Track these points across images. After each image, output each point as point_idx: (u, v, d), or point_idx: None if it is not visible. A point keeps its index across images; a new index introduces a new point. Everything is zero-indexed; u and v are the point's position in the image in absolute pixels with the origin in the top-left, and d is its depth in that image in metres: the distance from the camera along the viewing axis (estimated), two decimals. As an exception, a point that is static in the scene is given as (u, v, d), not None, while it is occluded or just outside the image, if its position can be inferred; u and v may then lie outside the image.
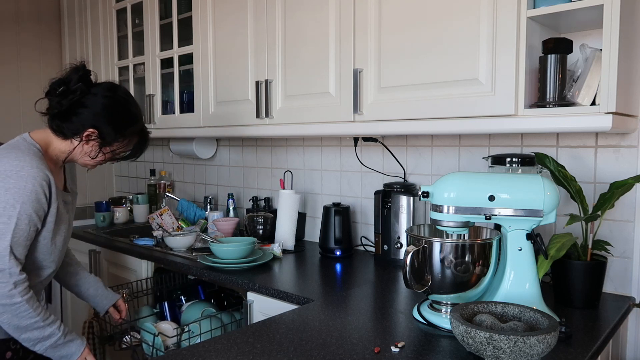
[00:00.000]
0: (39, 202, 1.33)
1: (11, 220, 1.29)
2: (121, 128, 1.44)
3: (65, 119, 1.41)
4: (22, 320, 1.30)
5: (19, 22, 3.25)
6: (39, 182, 1.33)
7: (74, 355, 1.39)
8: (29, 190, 1.31)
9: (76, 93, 1.39)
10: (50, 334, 1.34)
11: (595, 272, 1.42)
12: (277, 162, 2.58)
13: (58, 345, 1.36)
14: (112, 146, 1.46)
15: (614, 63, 1.26)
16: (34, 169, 1.33)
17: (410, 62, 1.60)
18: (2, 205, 1.28)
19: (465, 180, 1.28)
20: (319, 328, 1.29)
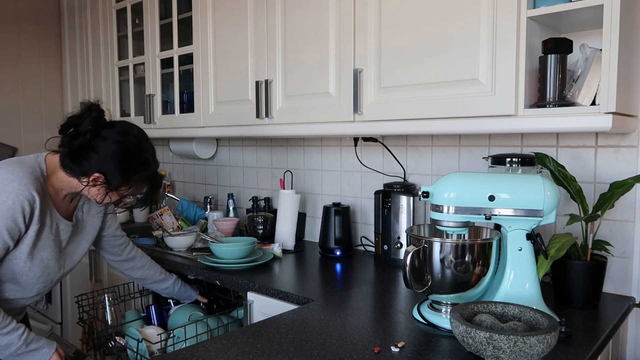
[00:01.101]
0: (14, 221, 1.30)
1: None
2: (129, 174, 1.39)
3: (74, 160, 1.37)
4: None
5: (19, 23, 3.25)
6: (21, 200, 1.30)
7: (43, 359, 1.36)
8: (7, 206, 1.28)
9: (86, 136, 1.35)
10: (8, 343, 1.31)
11: (595, 272, 1.42)
12: (277, 162, 2.58)
13: (19, 354, 1.33)
14: (119, 191, 1.41)
15: (614, 63, 1.26)
16: (20, 186, 1.30)
17: (410, 62, 1.60)
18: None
19: (465, 180, 1.28)
20: (319, 328, 1.29)
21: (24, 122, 3.29)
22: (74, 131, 1.36)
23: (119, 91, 2.94)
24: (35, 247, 1.39)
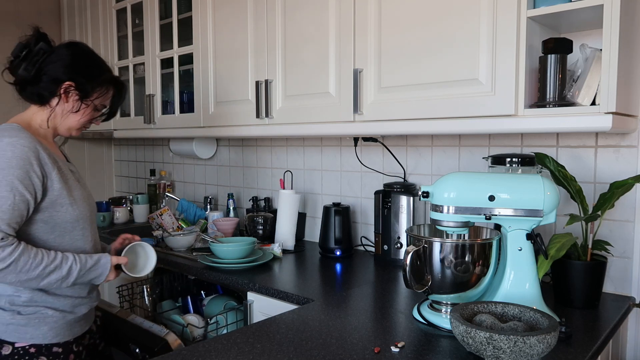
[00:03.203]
0: (23, 169, 1.28)
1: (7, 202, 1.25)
2: (95, 76, 1.43)
3: (36, 82, 1.40)
4: (29, 273, 1.27)
5: (19, 23, 3.24)
6: (20, 149, 1.29)
7: (103, 274, 1.39)
8: (7, 157, 1.27)
9: (40, 53, 1.39)
10: (68, 271, 1.33)
11: (595, 272, 1.42)
12: (277, 162, 2.58)
13: (82, 275, 1.36)
14: (92, 97, 1.44)
15: (614, 63, 1.26)
16: (12, 138, 1.30)
17: (410, 62, 1.60)
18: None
19: (465, 180, 1.28)
20: (319, 328, 1.29)
21: (24, 122, 3.28)
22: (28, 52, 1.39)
23: (119, 91, 2.94)
24: (70, 190, 1.39)
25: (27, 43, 1.41)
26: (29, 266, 1.27)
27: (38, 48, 1.39)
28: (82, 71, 1.42)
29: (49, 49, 1.41)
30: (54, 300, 1.37)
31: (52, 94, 1.41)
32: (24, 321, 1.34)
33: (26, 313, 1.34)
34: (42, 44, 1.40)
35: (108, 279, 1.43)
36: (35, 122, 1.45)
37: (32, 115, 1.45)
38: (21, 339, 1.34)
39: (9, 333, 1.33)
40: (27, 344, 1.34)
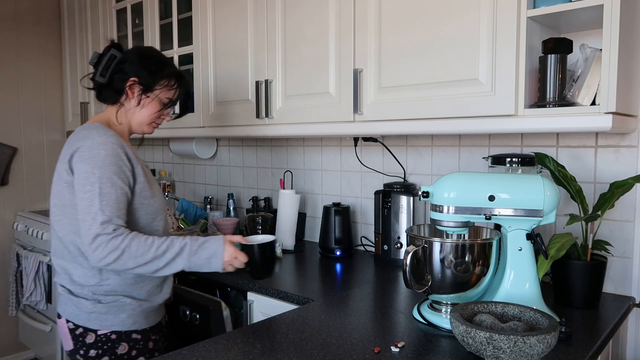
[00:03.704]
0: (116, 165, 1.36)
1: (94, 186, 1.32)
2: (156, 70, 1.50)
3: (109, 84, 1.50)
4: (145, 255, 1.32)
5: (19, 22, 3.24)
6: (110, 146, 1.37)
7: (217, 251, 1.38)
8: (102, 156, 1.35)
9: (112, 59, 1.50)
10: (180, 247, 1.35)
11: (595, 272, 1.42)
12: (277, 162, 2.58)
13: (196, 251, 1.36)
14: (155, 90, 1.50)
15: (614, 63, 1.26)
16: (102, 137, 1.38)
17: (410, 62, 1.60)
18: (82, 175, 1.33)
19: (465, 180, 1.28)
20: (319, 328, 1.29)
21: (24, 122, 3.29)
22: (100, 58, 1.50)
23: (119, 91, 2.94)
24: (149, 183, 1.47)
25: (101, 52, 1.52)
26: (142, 249, 1.32)
27: (110, 54, 1.50)
28: (145, 66, 1.49)
29: (119, 54, 1.51)
30: (131, 289, 1.44)
31: (120, 92, 1.50)
32: (105, 309, 1.41)
33: (106, 302, 1.41)
34: (114, 50, 1.51)
35: (225, 260, 1.38)
36: (112, 120, 1.52)
37: (108, 114, 1.53)
38: (103, 327, 1.41)
39: (92, 321, 1.41)
40: (108, 331, 1.41)
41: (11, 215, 3.24)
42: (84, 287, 1.41)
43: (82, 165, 1.35)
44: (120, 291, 1.43)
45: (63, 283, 1.45)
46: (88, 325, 1.41)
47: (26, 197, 3.29)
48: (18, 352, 3.27)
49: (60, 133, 3.45)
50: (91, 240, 1.30)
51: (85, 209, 1.32)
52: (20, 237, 3.12)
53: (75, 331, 1.42)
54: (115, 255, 1.30)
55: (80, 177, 1.34)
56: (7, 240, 3.22)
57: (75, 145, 1.38)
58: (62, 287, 1.45)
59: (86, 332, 1.41)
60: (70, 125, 3.38)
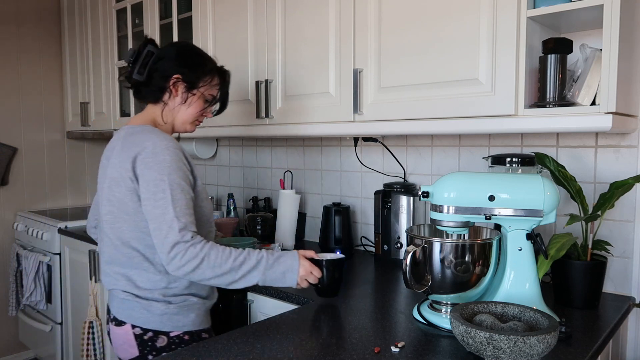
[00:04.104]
0: (182, 170, 1.34)
1: (166, 193, 1.29)
2: (198, 66, 1.48)
3: (148, 82, 1.47)
4: (223, 266, 1.28)
5: (19, 22, 3.24)
6: (173, 150, 1.35)
7: (293, 266, 1.34)
8: (168, 161, 1.32)
9: (148, 55, 1.46)
10: (257, 261, 1.32)
11: (595, 272, 1.42)
12: (277, 162, 2.58)
13: (271, 264, 1.33)
14: (199, 87, 1.48)
15: (614, 63, 1.26)
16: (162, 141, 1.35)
17: (410, 62, 1.60)
18: (152, 183, 1.30)
19: (465, 180, 1.28)
20: (319, 328, 1.29)
21: (24, 122, 3.29)
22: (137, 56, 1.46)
23: (119, 91, 2.94)
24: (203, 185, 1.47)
25: (137, 49, 1.48)
26: (221, 259, 1.28)
27: (146, 51, 1.46)
28: (186, 63, 1.47)
29: (156, 50, 1.47)
30: (197, 288, 1.43)
31: (163, 90, 1.47)
32: (176, 310, 1.39)
33: (176, 302, 1.39)
34: (150, 47, 1.47)
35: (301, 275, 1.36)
36: (158, 120, 1.50)
37: (152, 114, 1.50)
38: (175, 328, 1.39)
39: (164, 323, 1.38)
40: (181, 332, 1.40)
41: (11, 215, 3.24)
42: (154, 291, 1.38)
43: (149, 172, 1.31)
44: (186, 290, 1.41)
45: (126, 289, 1.39)
46: (160, 328, 1.37)
47: (26, 197, 3.29)
48: (18, 352, 3.27)
49: (60, 133, 3.45)
50: (169, 249, 1.25)
51: (159, 217, 1.28)
52: (20, 237, 3.12)
53: (143, 336, 1.38)
54: (195, 263, 1.25)
55: (150, 185, 1.30)
56: (7, 240, 3.22)
57: (134, 151, 1.34)
58: (125, 292, 1.39)
59: (157, 335, 1.38)
60: (70, 125, 3.38)
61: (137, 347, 1.38)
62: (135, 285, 1.39)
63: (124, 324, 1.39)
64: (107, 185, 1.40)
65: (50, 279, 2.86)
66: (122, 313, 1.40)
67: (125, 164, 1.35)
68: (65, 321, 2.84)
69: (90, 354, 2.51)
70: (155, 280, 1.38)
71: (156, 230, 1.28)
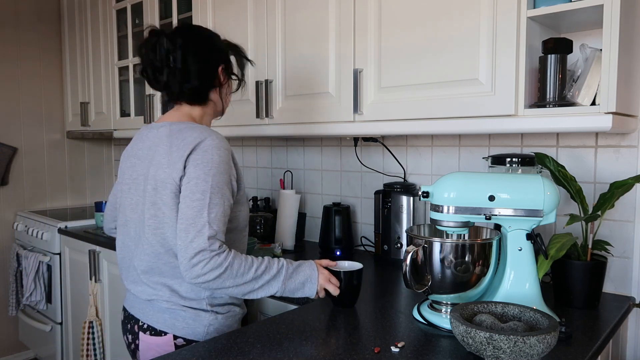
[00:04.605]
0: (227, 173, 1.28)
1: (205, 195, 1.23)
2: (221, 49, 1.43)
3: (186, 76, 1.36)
4: (245, 276, 1.24)
5: (19, 22, 3.24)
6: (223, 152, 1.28)
7: (312, 275, 1.32)
8: (216, 162, 1.26)
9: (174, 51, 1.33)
10: (277, 270, 1.28)
11: (595, 272, 1.42)
12: (277, 162, 2.58)
13: (291, 275, 1.30)
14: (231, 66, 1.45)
15: (614, 63, 1.26)
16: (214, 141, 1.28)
17: (410, 62, 1.60)
18: (194, 181, 1.24)
19: (465, 180, 1.28)
20: (319, 328, 1.29)
21: (24, 122, 3.29)
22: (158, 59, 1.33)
23: (119, 91, 2.94)
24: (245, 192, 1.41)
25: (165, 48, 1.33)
26: (243, 269, 1.24)
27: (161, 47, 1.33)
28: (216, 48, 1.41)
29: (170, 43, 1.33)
30: (235, 298, 1.40)
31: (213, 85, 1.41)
32: (223, 320, 1.36)
33: (222, 312, 1.36)
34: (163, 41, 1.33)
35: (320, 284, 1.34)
36: (194, 114, 1.42)
37: (189, 110, 1.42)
38: None
39: (210, 334, 1.34)
40: None
41: (11, 215, 3.24)
42: (200, 301, 1.33)
43: (194, 169, 1.24)
44: (229, 299, 1.38)
45: (171, 299, 1.33)
46: (206, 338, 1.33)
47: (26, 197, 3.29)
48: (18, 352, 3.27)
49: (60, 133, 3.45)
50: (193, 255, 1.19)
51: (191, 218, 1.21)
52: (20, 237, 3.12)
53: None
54: (217, 273, 1.20)
55: (191, 183, 1.23)
56: (7, 240, 3.22)
57: (187, 149, 1.27)
58: (169, 302, 1.33)
59: None
60: (70, 125, 3.38)
61: None
62: (180, 296, 1.33)
63: (165, 334, 1.32)
64: (151, 187, 1.30)
65: (50, 279, 2.86)
66: (164, 323, 1.33)
67: (177, 164, 1.27)
68: (65, 321, 2.84)
69: (90, 354, 2.51)
70: (199, 290, 1.33)
71: (183, 232, 1.21)
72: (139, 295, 1.37)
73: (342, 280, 1.40)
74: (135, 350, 1.38)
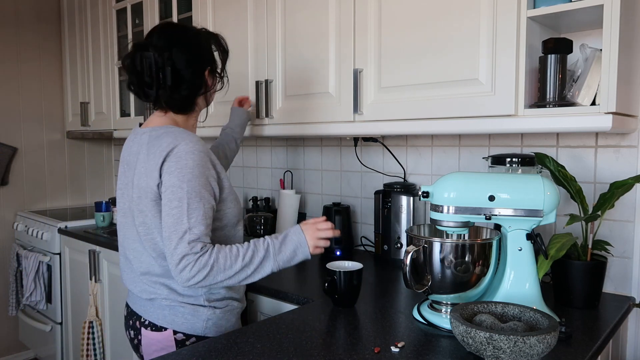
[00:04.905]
0: (204, 176, 1.28)
1: (182, 202, 1.25)
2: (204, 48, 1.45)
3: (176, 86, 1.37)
4: (234, 266, 1.26)
5: (19, 22, 3.24)
6: (197, 155, 1.29)
7: (300, 240, 1.33)
8: (190, 167, 1.26)
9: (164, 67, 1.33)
10: (265, 250, 1.30)
11: (595, 272, 1.42)
12: (277, 162, 2.58)
13: (281, 249, 1.32)
14: (216, 65, 1.47)
15: (614, 63, 1.26)
16: (188, 145, 1.29)
17: (410, 62, 1.60)
18: (170, 190, 1.26)
19: (465, 180, 1.28)
20: (319, 328, 1.29)
21: (24, 122, 3.29)
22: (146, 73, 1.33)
23: (119, 91, 2.94)
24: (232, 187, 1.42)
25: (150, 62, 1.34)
26: (230, 261, 1.26)
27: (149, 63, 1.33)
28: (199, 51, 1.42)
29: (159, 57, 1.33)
30: (233, 292, 1.44)
31: (198, 89, 1.42)
32: (221, 314, 1.40)
33: (220, 307, 1.40)
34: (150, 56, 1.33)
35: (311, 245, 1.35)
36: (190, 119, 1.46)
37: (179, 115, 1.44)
38: (218, 333, 1.40)
39: (209, 328, 1.38)
40: None
41: (11, 215, 3.24)
42: (198, 297, 1.37)
43: (169, 177, 1.26)
44: (228, 294, 1.41)
45: (170, 297, 1.37)
46: (204, 333, 1.37)
47: (26, 197, 3.29)
48: (18, 352, 3.27)
49: (60, 133, 3.45)
50: (177, 261, 1.23)
51: (172, 226, 1.24)
52: (20, 237, 3.12)
53: (185, 342, 1.37)
54: (204, 273, 1.23)
55: (168, 192, 1.26)
56: (7, 240, 3.22)
57: (160, 156, 1.29)
58: (168, 299, 1.37)
59: (199, 340, 1.37)
60: (70, 125, 3.38)
61: None
62: (178, 294, 1.37)
63: (165, 329, 1.37)
64: (136, 195, 1.34)
65: (50, 279, 2.86)
66: (164, 319, 1.37)
67: (153, 173, 1.29)
68: (65, 321, 2.84)
69: (90, 354, 2.51)
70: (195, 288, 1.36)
71: (167, 240, 1.25)
72: (139, 295, 1.42)
73: (342, 280, 1.42)
74: (138, 345, 1.43)
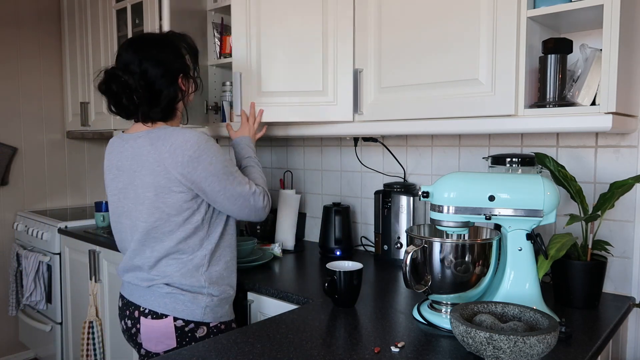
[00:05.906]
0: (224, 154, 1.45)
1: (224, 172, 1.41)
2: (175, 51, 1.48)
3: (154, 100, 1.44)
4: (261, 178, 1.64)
5: (19, 23, 3.24)
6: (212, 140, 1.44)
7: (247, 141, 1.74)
8: (216, 148, 1.42)
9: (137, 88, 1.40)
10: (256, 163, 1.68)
11: (595, 272, 1.42)
12: (277, 162, 2.58)
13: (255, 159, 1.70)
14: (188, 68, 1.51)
15: (614, 63, 1.26)
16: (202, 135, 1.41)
17: (410, 62, 1.60)
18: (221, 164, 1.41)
19: (465, 180, 1.28)
20: (319, 328, 1.29)
21: (24, 122, 3.29)
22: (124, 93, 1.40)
23: (119, 91, 2.93)
24: None
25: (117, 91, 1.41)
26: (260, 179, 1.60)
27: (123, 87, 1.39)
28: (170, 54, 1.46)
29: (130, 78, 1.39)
30: (229, 280, 1.53)
31: (174, 98, 1.48)
32: (217, 301, 1.48)
33: (217, 294, 1.48)
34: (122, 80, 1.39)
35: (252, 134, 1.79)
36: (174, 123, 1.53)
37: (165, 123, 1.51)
38: (215, 319, 1.48)
39: (207, 315, 1.46)
40: (218, 322, 1.49)
41: (11, 215, 3.24)
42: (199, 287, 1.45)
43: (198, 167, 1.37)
44: (223, 282, 1.50)
45: (171, 283, 1.44)
46: (203, 319, 1.45)
47: (26, 197, 3.29)
48: (18, 352, 3.27)
49: (60, 133, 3.45)
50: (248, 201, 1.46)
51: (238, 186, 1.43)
52: (20, 237, 3.12)
53: (184, 328, 1.43)
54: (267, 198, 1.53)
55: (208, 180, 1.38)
56: (7, 240, 3.22)
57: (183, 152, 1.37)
58: (169, 286, 1.44)
59: (198, 326, 1.44)
60: (70, 125, 3.38)
61: (176, 339, 1.43)
62: (179, 282, 1.44)
63: (165, 316, 1.43)
64: (151, 193, 1.39)
65: (50, 279, 2.86)
66: (165, 307, 1.43)
67: (176, 168, 1.37)
68: (65, 321, 2.84)
69: (90, 354, 2.51)
70: (195, 279, 1.45)
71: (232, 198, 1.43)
72: (139, 284, 1.47)
73: (342, 280, 1.42)
74: (136, 334, 1.47)
